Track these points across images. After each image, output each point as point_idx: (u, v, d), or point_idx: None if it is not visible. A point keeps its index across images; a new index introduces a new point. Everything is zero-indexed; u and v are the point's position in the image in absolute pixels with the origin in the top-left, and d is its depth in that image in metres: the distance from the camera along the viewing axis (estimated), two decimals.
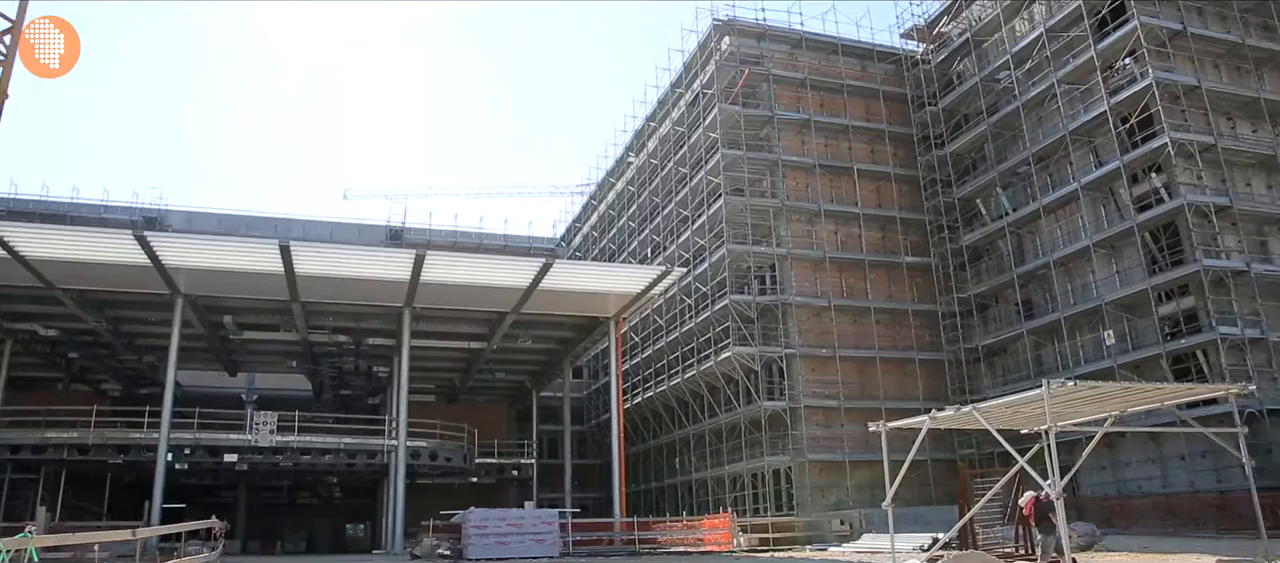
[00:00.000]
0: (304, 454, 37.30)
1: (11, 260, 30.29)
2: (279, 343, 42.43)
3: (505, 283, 34.93)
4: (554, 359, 47.42)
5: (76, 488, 41.08)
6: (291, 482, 48.99)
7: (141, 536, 23.03)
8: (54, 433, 35.40)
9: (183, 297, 34.47)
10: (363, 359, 43.86)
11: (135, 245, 29.97)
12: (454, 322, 40.04)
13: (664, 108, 52.15)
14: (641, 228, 54.34)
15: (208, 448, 36.18)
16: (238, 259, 32.93)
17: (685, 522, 35.95)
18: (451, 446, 40.71)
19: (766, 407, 40.39)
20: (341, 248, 38.97)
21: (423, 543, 31.69)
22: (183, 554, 26.35)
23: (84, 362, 45.09)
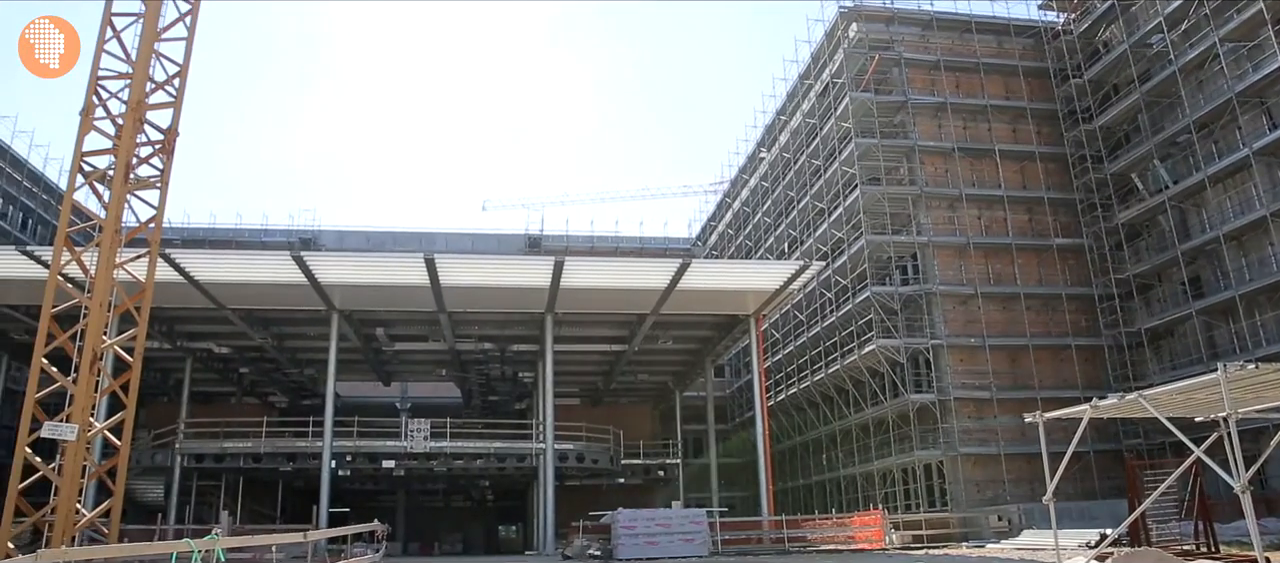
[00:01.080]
0: (456, 459, 38.65)
1: (187, 285, 32.72)
2: (429, 353, 44.15)
3: (643, 285, 35.22)
4: (695, 359, 47.49)
5: (253, 493, 43.94)
6: (446, 486, 50.81)
7: (312, 538, 24.43)
8: (231, 443, 38.02)
9: (338, 312, 36.33)
10: (508, 365, 45.05)
11: (293, 265, 31.85)
12: (595, 325, 40.64)
13: (793, 100, 51.50)
14: (777, 223, 53.81)
15: (367, 455, 37.98)
16: (386, 274, 34.46)
17: (835, 519, 35.36)
18: (597, 447, 41.34)
19: (914, 400, 39.31)
20: (483, 258, 40.24)
21: (573, 544, 32.31)
22: (349, 555, 27.81)
23: (253, 376, 48.24)
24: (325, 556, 28.75)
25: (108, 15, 21.96)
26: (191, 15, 22.75)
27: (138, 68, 21.63)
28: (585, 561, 30.55)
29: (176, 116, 22.38)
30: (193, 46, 22.75)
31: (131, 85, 21.55)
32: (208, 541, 16.38)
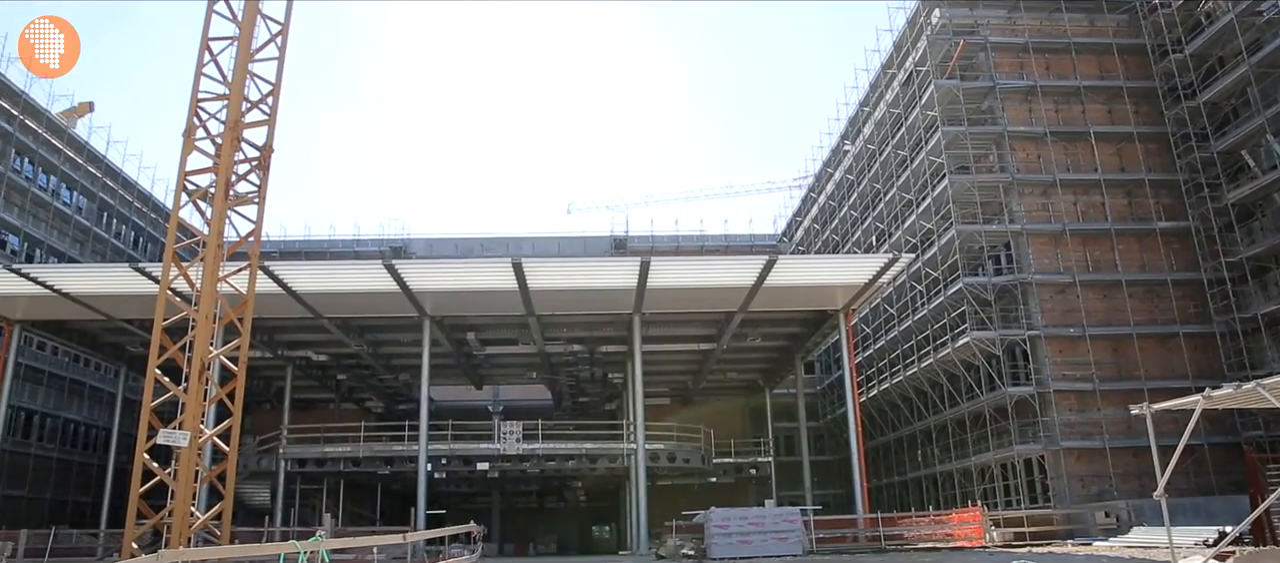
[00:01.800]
0: (549, 460, 39.13)
1: (286, 295, 33.94)
2: (519, 356, 44.80)
3: (730, 283, 35.08)
4: (784, 356, 47.09)
5: (353, 496, 45.29)
6: (539, 487, 51.50)
7: (411, 539, 25.05)
8: (331, 448, 39.31)
9: (430, 318, 37.18)
10: (598, 366, 45.41)
11: (385, 274, 32.75)
12: (683, 324, 40.66)
13: (876, 91, 50.62)
14: (864, 216, 52.95)
15: (462, 457, 38.77)
16: (475, 279, 35.09)
17: (932, 516, 34.56)
18: (688, 446, 41.34)
19: (1012, 393, 38.17)
20: (569, 261, 40.67)
21: (667, 543, 32.34)
22: (447, 556, 28.40)
23: (351, 382, 49.78)
24: (424, 556, 29.43)
25: (205, 40, 22.93)
26: (282, 34, 23.58)
27: (234, 88, 22.52)
28: (679, 560, 30.55)
29: (271, 133, 23.23)
30: (284, 64, 23.60)
31: (228, 105, 22.45)
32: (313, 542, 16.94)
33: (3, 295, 36.07)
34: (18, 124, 50.15)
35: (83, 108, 59.38)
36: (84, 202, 56.89)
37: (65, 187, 55.08)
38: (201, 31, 22.95)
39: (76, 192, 56.19)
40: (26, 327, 40.14)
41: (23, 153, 51.17)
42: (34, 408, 50.58)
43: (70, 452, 53.79)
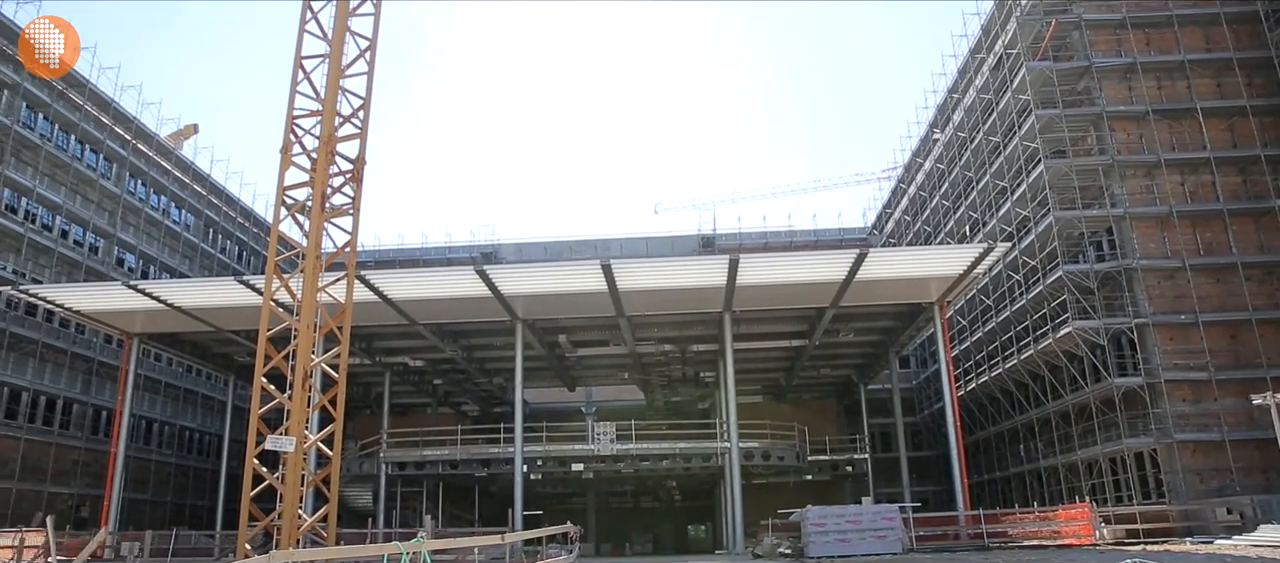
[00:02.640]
0: (642, 460, 39.25)
1: (382, 303, 34.87)
2: (610, 357, 45.07)
3: (820, 278, 34.62)
4: (878, 350, 46.24)
5: (451, 498, 46.24)
6: (634, 487, 51.72)
7: (510, 540, 25.47)
8: (429, 451, 40.28)
9: (521, 321, 37.69)
10: (689, 366, 45.37)
11: (477, 279, 33.33)
12: (774, 321, 40.30)
13: (965, 77, 49.28)
14: (956, 205, 51.61)
15: (557, 459, 39.22)
16: (565, 282, 35.41)
17: (1037, 513, 33.45)
18: (782, 444, 40.97)
19: (1118, 384, 36.65)
20: (658, 261, 40.73)
21: (763, 542, 32.10)
22: (545, 556, 28.73)
23: (447, 387, 50.84)
24: (522, 557, 29.85)
25: (298, 59, 23.71)
26: (370, 50, 24.23)
27: (327, 104, 23.23)
28: (776, 559, 30.30)
29: (363, 146, 23.89)
30: (373, 78, 24.25)
31: (322, 121, 23.16)
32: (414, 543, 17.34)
33: (123, 310, 38.05)
34: (131, 148, 52.82)
35: (188, 130, 62.30)
36: (191, 219, 59.53)
37: (174, 205, 57.74)
38: (294, 51, 23.74)
39: (184, 210, 58.86)
40: (144, 340, 42.26)
41: (136, 175, 53.86)
42: (153, 416, 53.22)
43: (186, 457, 56.41)
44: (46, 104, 46.30)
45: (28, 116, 45.62)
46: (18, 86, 44.34)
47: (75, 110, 48.35)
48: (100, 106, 50.24)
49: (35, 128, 46.00)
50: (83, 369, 48.60)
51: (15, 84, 44.31)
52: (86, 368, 48.79)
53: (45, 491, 44.31)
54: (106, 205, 51.04)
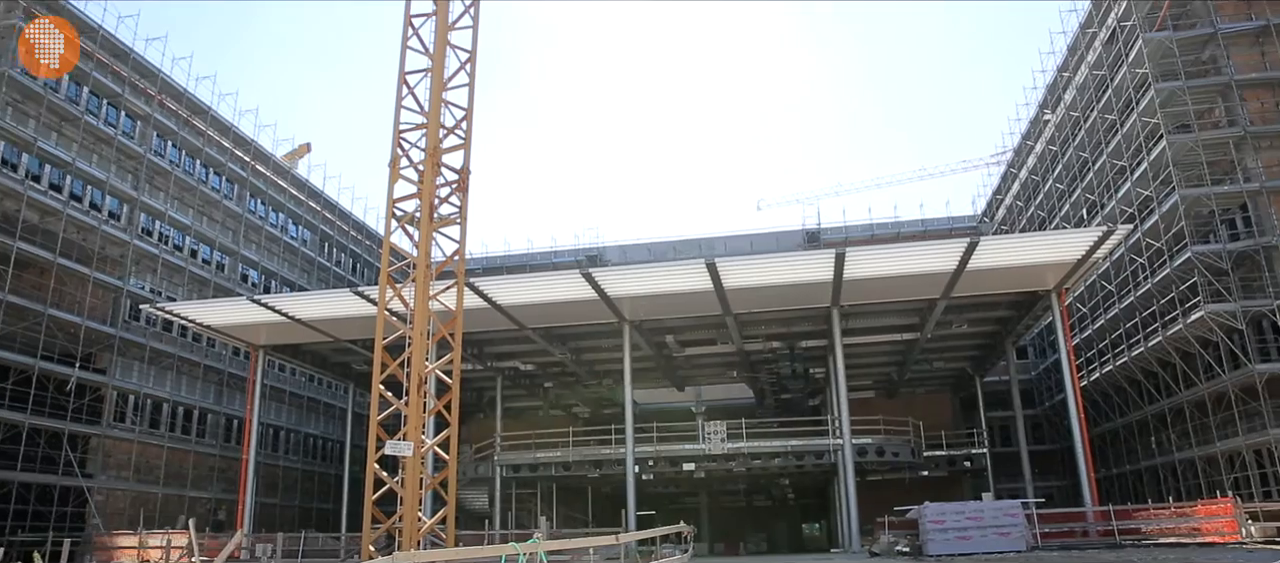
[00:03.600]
0: (754, 459, 38.97)
1: (492, 309, 35.58)
2: (718, 355, 44.91)
3: (930, 269, 33.71)
4: (994, 341, 44.75)
5: (565, 499, 46.85)
6: (746, 485, 51.34)
7: (624, 540, 25.54)
8: (542, 453, 40.90)
9: (628, 322, 37.89)
10: (798, 362, 44.83)
11: (583, 282, 33.66)
12: (883, 315, 39.46)
13: (1076, 54, 47.21)
14: (1071, 188, 49.52)
15: (668, 458, 39.26)
16: (670, 282, 35.40)
17: (1173, 508, 31.77)
18: (897, 440, 40.08)
19: (1260, 371, 34.48)
20: (762, 258, 40.21)
21: (880, 540, 31.45)
22: (659, 556, 28.75)
23: (557, 390, 51.55)
24: (637, 557, 29.96)
25: (402, 75, 24.41)
26: (470, 62, 24.74)
27: (431, 118, 23.81)
28: (893, 557, 29.63)
29: (467, 156, 24.41)
30: (474, 89, 24.75)
31: (427, 134, 23.76)
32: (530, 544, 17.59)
33: (249, 324, 39.91)
34: (250, 169, 55.40)
35: (302, 149, 64.99)
36: (308, 234, 62.01)
37: (291, 222, 60.28)
38: (398, 67, 24.44)
39: (301, 226, 61.36)
40: (269, 351, 44.22)
41: (256, 195, 56.46)
42: (279, 424, 55.65)
43: (311, 463, 58.78)
44: (174, 132, 48.98)
45: (159, 145, 48.30)
46: (149, 117, 47.05)
47: (199, 136, 50.98)
48: (221, 131, 52.83)
49: (165, 155, 48.69)
50: (215, 381, 51.20)
51: (147, 115, 47.02)
52: (218, 379, 51.38)
53: (186, 495, 46.87)
54: (230, 225, 53.64)
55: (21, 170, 40.31)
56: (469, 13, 25.11)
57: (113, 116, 45.56)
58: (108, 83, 44.62)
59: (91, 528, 39.83)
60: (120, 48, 45.47)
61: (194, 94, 50.29)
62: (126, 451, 44.36)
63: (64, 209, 41.37)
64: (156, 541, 34.62)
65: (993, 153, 68.65)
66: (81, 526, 40.22)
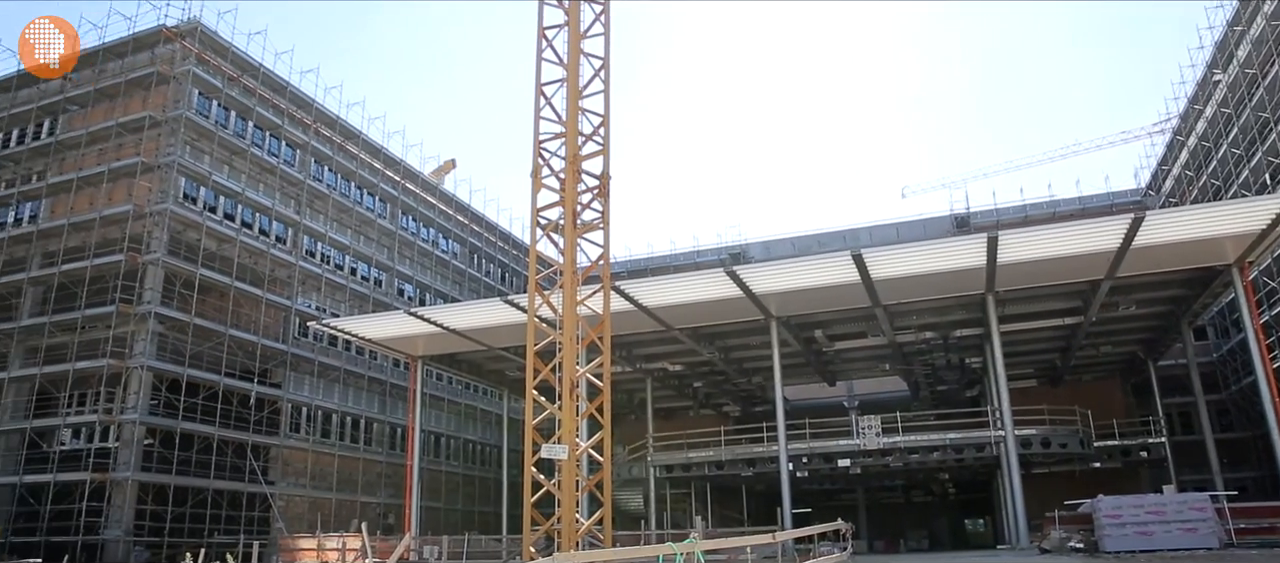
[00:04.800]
0: (911, 453, 37.84)
1: (638, 311, 35.84)
2: (869, 349, 43.86)
3: (1090, 249, 31.80)
4: (1167, 322, 41.84)
5: (719, 498, 46.75)
6: (904, 481, 50.02)
7: (780, 538, 25.27)
8: (694, 453, 40.93)
9: (775, 319, 37.45)
10: (953, 352, 43.30)
11: (727, 281, 33.47)
12: (1042, 299, 37.56)
13: (1250, 5, 43.56)
14: (1250, 153, 45.73)
15: (822, 455, 38.59)
16: (816, 276, 34.76)
17: None
18: (1063, 430, 38.06)
19: None
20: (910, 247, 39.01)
21: (1050, 536, 29.90)
22: (816, 554, 28.29)
23: (706, 389, 51.50)
24: (795, 555, 29.58)
25: (539, 86, 24.91)
26: (605, 68, 24.99)
27: (569, 126, 24.19)
28: (1066, 554, 28.09)
29: (606, 161, 24.65)
30: (610, 95, 24.99)
31: (566, 142, 24.14)
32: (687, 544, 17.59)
33: (407, 336, 41.69)
34: (400, 188, 57.93)
35: (447, 166, 67.44)
36: (457, 247, 64.28)
37: (441, 236, 62.66)
38: (534, 78, 24.95)
39: (450, 239, 63.69)
40: (426, 361, 46.05)
41: (407, 212, 59.00)
42: (440, 431, 57.88)
43: (471, 467, 60.88)
44: (329, 157, 51.77)
45: (316, 170, 51.16)
46: (306, 145, 49.94)
47: (352, 160, 53.68)
48: (372, 154, 55.45)
49: (322, 179, 51.53)
50: (378, 391, 53.74)
51: (304, 143, 49.89)
52: (381, 390, 53.91)
53: (357, 500, 49.38)
54: (385, 242, 56.20)
55: (200, 203, 43.45)
56: (600, 20, 25.38)
57: (274, 147, 48.55)
58: (269, 116, 47.59)
59: (275, 531, 42.49)
60: (278, 82, 48.44)
61: (346, 120, 53.03)
62: (302, 459, 47.15)
63: (237, 236, 44.33)
64: (333, 543, 36.68)
65: (1154, 122, 64.30)
66: (267, 529, 43.02)
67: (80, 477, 37.83)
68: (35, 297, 43.52)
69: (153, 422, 39.44)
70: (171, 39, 43.41)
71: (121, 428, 38.97)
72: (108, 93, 43.90)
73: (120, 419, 38.84)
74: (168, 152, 42.12)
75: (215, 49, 45.15)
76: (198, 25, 44.00)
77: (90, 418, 40.25)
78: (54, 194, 44.34)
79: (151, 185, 41.60)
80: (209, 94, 44.82)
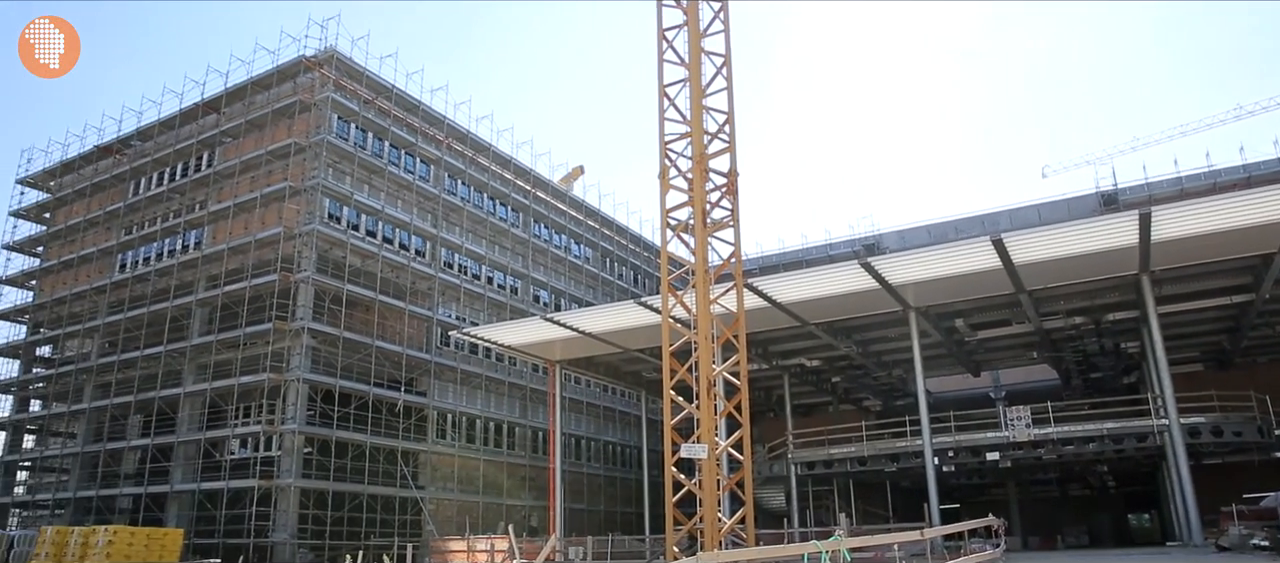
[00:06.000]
0: (1065, 445, 36.05)
1: (772, 308, 35.47)
2: (1014, 337, 42.11)
3: (1259, 220, 29.48)
4: None
5: (862, 495, 45.75)
6: (1059, 474, 47.71)
7: (928, 535, 24.53)
8: (835, 449, 40.19)
9: (914, 309, 36.37)
10: (1106, 337, 41.05)
11: (862, 273, 32.71)
12: (1205, 277, 35.11)
13: None
14: None
15: (968, 448, 37.22)
16: (954, 264, 33.53)
17: None
18: (1237, 418, 35.41)
19: None
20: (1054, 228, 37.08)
21: (1228, 532, 27.87)
22: (966, 552, 27.27)
23: (845, 384, 50.55)
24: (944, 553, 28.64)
25: (662, 89, 24.99)
26: (726, 65, 24.86)
27: (694, 125, 24.17)
28: (1249, 553, 26.10)
29: (733, 158, 24.51)
30: (733, 92, 24.81)
31: (692, 141, 24.10)
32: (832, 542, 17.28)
33: (545, 341, 42.56)
34: (531, 196, 59.20)
35: (575, 172, 68.50)
36: (589, 252, 65.20)
37: (573, 242, 63.68)
38: (657, 80, 25.02)
39: (582, 244, 64.66)
40: (564, 365, 46.89)
41: (538, 220, 60.24)
42: (580, 434, 58.84)
43: (612, 469, 61.62)
44: (462, 171, 53.38)
45: (450, 184, 52.83)
46: (440, 160, 51.65)
47: (483, 172, 55.17)
48: (502, 165, 56.85)
49: (456, 193, 53.18)
50: (519, 396, 55.05)
51: (437, 158, 51.62)
52: (522, 395, 55.19)
53: (503, 503, 50.69)
54: (518, 250, 57.52)
55: (344, 222, 45.54)
56: (719, 17, 25.27)
57: (410, 164, 50.40)
58: (403, 135, 49.45)
59: (427, 534, 44.08)
60: (411, 102, 50.30)
61: (476, 134, 54.57)
62: (449, 464, 48.75)
63: (379, 252, 46.21)
64: (482, 545, 37.77)
65: None
66: (418, 532, 44.69)
67: (249, 484, 40.24)
68: (202, 317, 46.58)
69: (310, 431, 41.54)
70: (311, 68, 45.66)
71: (283, 437, 41.23)
72: (256, 124, 46.59)
73: (281, 429, 41.10)
74: (312, 175, 44.33)
75: (351, 74, 47.24)
76: (334, 53, 46.13)
77: (255, 428, 42.77)
78: (214, 221, 47.32)
79: (299, 208, 43.86)
80: (347, 118, 46.93)
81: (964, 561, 24.69)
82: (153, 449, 44.87)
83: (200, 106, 48.84)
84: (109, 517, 43.78)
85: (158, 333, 46.49)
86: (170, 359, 45.92)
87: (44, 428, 53.98)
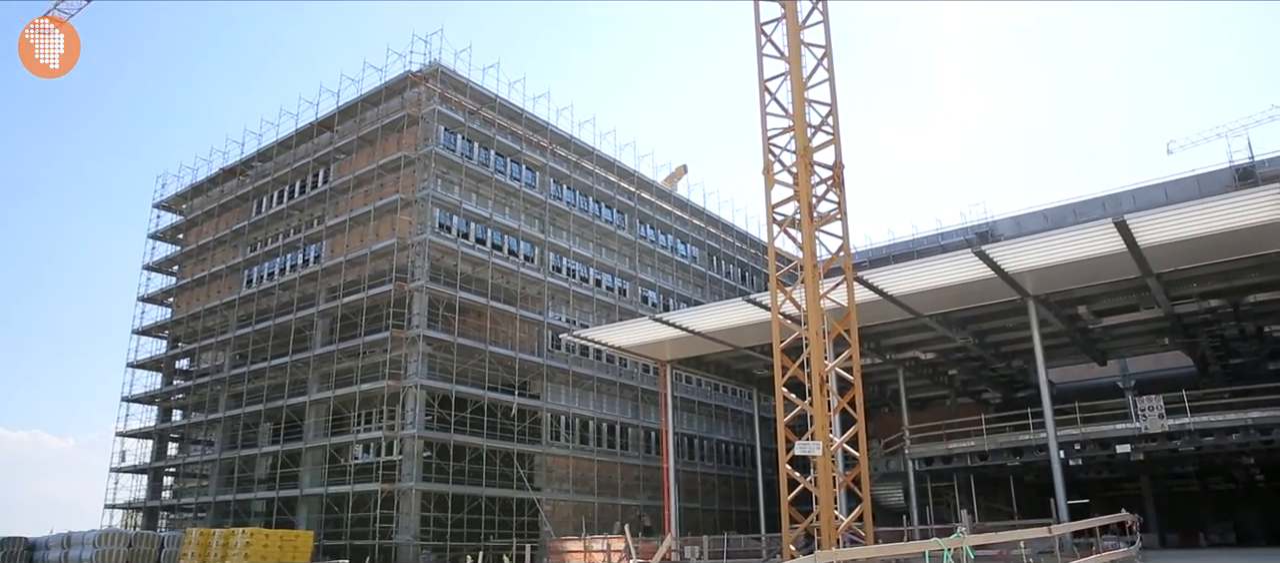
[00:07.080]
0: (1204, 436, 34.13)
1: (883, 301, 34.75)
2: (1142, 323, 40.15)
3: None
4: None
5: (984, 490, 44.32)
6: (1198, 467, 45.19)
7: (1057, 532, 23.56)
8: (954, 443, 39.04)
9: (1032, 297, 35.07)
10: (1246, 321, 38.73)
11: (976, 261, 31.69)
12: None
13: None
14: None
15: (1096, 441, 35.66)
16: (1073, 249, 32.11)
17: None
18: None
19: None
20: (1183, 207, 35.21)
21: None
22: (1098, 549, 26.10)
23: (962, 376, 49.07)
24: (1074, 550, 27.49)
25: (762, 83, 24.75)
26: (827, 56, 24.42)
27: (796, 119, 23.85)
28: None
29: (838, 151, 24.07)
30: (835, 83, 24.37)
31: (795, 135, 23.79)
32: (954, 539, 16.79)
33: (654, 341, 42.74)
34: (635, 198, 59.50)
35: (679, 172, 68.54)
36: (695, 251, 65.13)
37: (679, 241, 63.71)
38: (757, 76, 24.78)
39: (688, 243, 64.64)
40: (675, 365, 46.98)
41: (644, 221, 60.49)
42: (692, 433, 58.85)
43: (726, 468, 61.43)
44: (567, 176, 54.10)
45: (555, 189, 53.61)
46: (545, 166, 52.47)
47: (588, 175, 55.79)
48: (606, 168, 57.36)
49: (562, 197, 53.93)
50: (630, 397, 55.41)
51: (542, 164, 52.43)
52: (633, 395, 55.55)
53: (617, 503, 51.12)
54: (625, 252, 57.89)
55: (454, 231, 46.73)
56: (818, 8, 24.87)
57: (516, 171, 51.34)
58: (508, 143, 50.45)
59: (544, 535, 44.79)
60: (514, 110, 51.25)
61: (579, 139, 55.19)
62: (564, 465, 49.44)
63: (489, 258, 47.23)
64: (598, 545, 38.18)
65: None
66: (536, 532, 45.45)
67: (372, 487, 41.70)
68: (324, 328, 48.56)
69: (429, 435, 42.75)
70: (417, 83, 47.02)
71: (403, 442, 42.58)
72: (367, 139, 48.27)
73: (402, 434, 42.44)
74: (422, 186, 45.62)
75: (455, 86, 48.44)
76: (438, 67, 47.37)
77: (376, 434, 44.32)
78: (332, 235, 49.25)
79: (411, 219, 45.22)
80: (453, 129, 48.12)
81: (1095, 558, 23.65)
82: (282, 455, 47.05)
83: (315, 126, 50.95)
84: (245, 519, 46.15)
85: (283, 344, 48.76)
86: (295, 369, 48.03)
87: (185, 436, 57.17)
